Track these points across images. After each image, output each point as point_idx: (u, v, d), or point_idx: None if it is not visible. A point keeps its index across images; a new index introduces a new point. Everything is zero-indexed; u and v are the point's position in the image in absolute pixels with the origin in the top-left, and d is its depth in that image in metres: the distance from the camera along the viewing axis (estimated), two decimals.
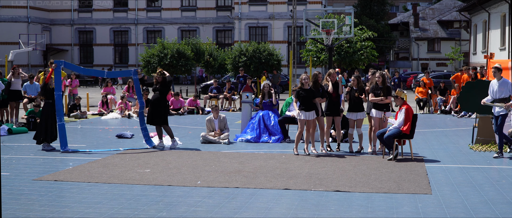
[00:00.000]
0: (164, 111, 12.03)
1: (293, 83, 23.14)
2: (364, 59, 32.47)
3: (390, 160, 10.17)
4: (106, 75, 14.02)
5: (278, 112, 13.89)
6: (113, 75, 12.50)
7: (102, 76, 12.75)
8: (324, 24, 25.10)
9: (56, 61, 11.67)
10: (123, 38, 51.40)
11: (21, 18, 47.57)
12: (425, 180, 8.37)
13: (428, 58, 54.57)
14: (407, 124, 10.31)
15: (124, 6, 50.98)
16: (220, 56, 35.10)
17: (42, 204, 6.98)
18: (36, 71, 43.06)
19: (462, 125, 16.80)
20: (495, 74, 10.63)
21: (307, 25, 28.92)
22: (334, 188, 7.83)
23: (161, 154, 11.01)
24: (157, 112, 11.95)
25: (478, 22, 39.52)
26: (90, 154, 11.14)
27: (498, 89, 10.55)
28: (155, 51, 30.94)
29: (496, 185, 8.09)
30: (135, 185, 8.10)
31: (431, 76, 33.95)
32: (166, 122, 11.99)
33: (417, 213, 6.56)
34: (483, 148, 11.55)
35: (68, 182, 8.32)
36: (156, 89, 12.27)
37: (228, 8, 49.89)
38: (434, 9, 59.05)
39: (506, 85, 10.47)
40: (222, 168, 9.39)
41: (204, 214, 6.51)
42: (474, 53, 40.75)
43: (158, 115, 11.92)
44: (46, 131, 11.57)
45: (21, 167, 9.58)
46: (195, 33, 49.19)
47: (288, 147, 12.07)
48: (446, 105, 21.30)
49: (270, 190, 7.77)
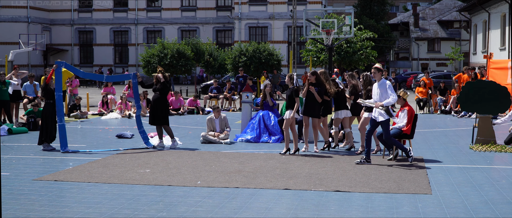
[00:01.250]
0: (164, 111, 12.04)
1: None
2: (364, 59, 32.47)
3: (390, 160, 10.17)
4: (105, 79, 14.02)
5: (278, 112, 13.88)
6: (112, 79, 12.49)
7: (101, 80, 12.76)
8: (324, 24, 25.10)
9: (57, 62, 11.67)
10: (123, 38, 51.39)
11: (21, 18, 47.56)
12: (425, 180, 8.37)
13: (428, 58, 54.56)
14: (408, 125, 10.32)
15: (124, 6, 50.98)
16: (220, 56, 35.10)
17: (42, 204, 6.98)
18: (36, 71, 43.14)
19: (462, 125, 16.80)
20: (375, 75, 10.01)
21: (307, 25, 28.92)
22: (334, 188, 7.83)
23: (161, 154, 11.01)
24: (157, 112, 11.95)
25: (478, 22, 39.52)
26: (90, 154, 11.15)
27: (378, 91, 9.92)
28: (155, 51, 30.93)
29: (496, 185, 8.09)
30: (135, 185, 8.10)
31: (431, 76, 33.98)
32: (167, 122, 12.00)
33: (417, 213, 6.56)
34: (483, 148, 11.55)
35: (68, 182, 8.32)
36: (156, 89, 12.28)
37: (228, 8, 49.88)
38: (434, 9, 59.05)
39: (383, 86, 9.90)
40: (222, 168, 9.39)
41: (204, 214, 6.51)
42: (474, 53, 40.75)
43: (158, 115, 11.92)
44: (46, 131, 11.57)
45: (21, 167, 9.58)
46: (195, 33, 49.18)
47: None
48: (446, 105, 21.31)
49: (270, 190, 7.77)
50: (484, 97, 12.13)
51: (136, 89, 12.71)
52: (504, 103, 12.15)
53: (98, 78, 12.94)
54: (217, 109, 13.21)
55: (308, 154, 11.02)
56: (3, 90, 15.85)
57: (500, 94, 12.07)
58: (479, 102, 12.17)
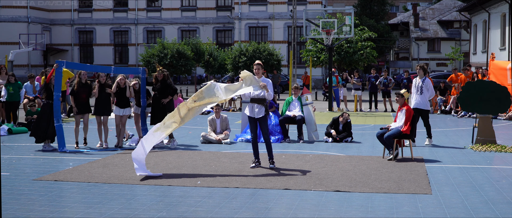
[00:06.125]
0: (164, 110, 12.03)
1: (293, 83, 23.15)
2: (364, 59, 32.47)
3: (390, 160, 10.17)
4: (113, 72, 13.77)
5: (278, 112, 13.88)
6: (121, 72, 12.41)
7: (109, 72, 12.73)
8: (324, 24, 25.09)
9: (58, 61, 11.66)
10: (123, 38, 51.41)
11: (21, 18, 47.57)
12: (425, 180, 8.37)
13: (428, 58, 54.55)
14: (407, 125, 10.33)
15: (124, 6, 50.99)
16: (220, 56, 35.11)
17: (42, 204, 6.97)
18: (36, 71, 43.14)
19: (462, 125, 16.80)
20: (258, 70, 9.46)
21: (307, 25, 28.91)
22: (334, 188, 7.82)
23: (161, 154, 11.01)
24: (158, 112, 11.96)
25: (478, 22, 39.51)
26: (90, 154, 11.14)
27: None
28: (155, 51, 30.95)
29: (496, 185, 8.08)
30: (135, 185, 8.10)
31: (431, 76, 33.96)
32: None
33: (417, 213, 6.56)
34: (483, 148, 11.55)
35: (68, 182, 8.32)
36: (155, 88, 12.28)
37: (228, 8, 49.89)
38: (434, 9, 59.05)
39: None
40: (222, 168, 9.39)
41: (204, 214, 6.51)
42: (474, 53, 40.74)
43: (158, 115, 11.92)
44: (43, 130, 11.52)
45: (21, 167, 9.58)
46: (195, 33, 49.19)
47: (288, 147, 12.08)
48: (446, 105, 21.31)
49: (270, 190, 7.76)
50: (484, 97, 12.12)
51: (144, 85, 12.70)
52: (504, 103, 12.15)
53: (106, 70, 12.92)
54: (217, 108, 13.20)
55: (308, 154, 11.00)
56: (12, 92, 15.85)
57: (500, 94, 12.07)
58: (479, 102, 12.17)
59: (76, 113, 11.97)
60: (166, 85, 12.38)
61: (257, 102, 9.32)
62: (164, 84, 12.38)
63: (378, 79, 22.61)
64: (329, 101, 23.09)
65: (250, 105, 9.39)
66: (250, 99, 9.37)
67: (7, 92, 15.83)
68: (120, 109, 12.09)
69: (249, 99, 9.42)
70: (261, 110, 9.31)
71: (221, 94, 9.33)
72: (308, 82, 33.01)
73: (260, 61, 9.54)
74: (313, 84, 40.54)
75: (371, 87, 22.74)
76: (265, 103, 9.39)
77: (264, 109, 9.33)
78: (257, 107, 9.32)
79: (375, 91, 22.81)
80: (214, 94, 9.31)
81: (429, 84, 12.47)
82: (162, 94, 12.33)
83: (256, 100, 9.32)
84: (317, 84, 44.09)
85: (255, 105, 9.34)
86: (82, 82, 11.89)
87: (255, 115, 9.35)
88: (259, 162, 9.51)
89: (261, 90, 9.25)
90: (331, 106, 22.88)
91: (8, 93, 15.82)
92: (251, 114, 9.38)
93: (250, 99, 9.37)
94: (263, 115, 9.33)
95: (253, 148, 9.50)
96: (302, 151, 11.58)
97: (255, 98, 9.32)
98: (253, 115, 9.37)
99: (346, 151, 11.52)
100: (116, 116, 12.11)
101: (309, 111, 13.43)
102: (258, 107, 9.32)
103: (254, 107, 9.34)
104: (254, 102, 9.34)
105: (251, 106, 9.37)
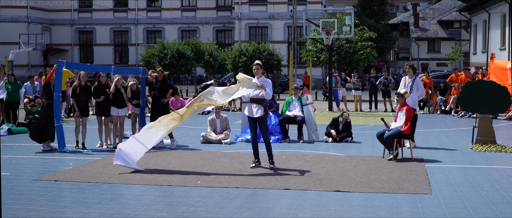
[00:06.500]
0: (164, 110, 12.03)
1: (293, 83, 23.16)
2: (364, 59, 32.47)
3: (390, 160, 10.17)
4: (114, 71, 13.78)
5: (278, 112, 13.89)
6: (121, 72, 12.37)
7: (109, 72, 12.73)
8: (324, 24, 25.09)
9: (58, 61, 11.66)
10: (123, 38, 51.41)
11: (21, 18, 47.57)
12: (425, 180, 8.37)
13: (428, 58, 54.58)
14: (407, 125, 10.33)
15: (124, 6, 50.99)
16: (220, 56, 35.11)
17: (42, 204, 6.97)
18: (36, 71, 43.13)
19: (462, 125, 16.80)
20: (257, 71, 9.33)
21: (307, 25, 28.91)
22: (334, 188, 7.82)
23: (161, 154, 11.00)
24: (157, 111, 11.96)
25: (478, 22, 39.51)
26: (90, 154, 11.15)
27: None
28: (155, 51, 30.95)
29: (496, 185, 8.08)
30: (135, 185, 8.10)
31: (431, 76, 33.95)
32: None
33: (417, 213, 6.56)
34: (483, 148, 11.55)
35: (68, 182, 8.32)
36: (155, 88, 12.28)
37: (228, 8, 49.89)
38: (434, 9, 59.06)
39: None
40: (222, 168, 9.39)
41: (204, 214, 6.51)
42: (474, 53, 40.74)
43: (158, 115, 11.91)
44: (45, 131, 11.54)
45: (21, 167, 9.58)
46: (195, 33, 49.20)
47: (288, 147, 12.08)
48: (446, 105, 21.31)
49: (270, 190, 7.76)
50: (484, 97, 12.13)
51: (144, 85, 12.70)
52: (504, 103, 12.15)
53: (106, 70, 12.92)
54: (217, 109, 13.20)
55: (309, 154, 11.00)
56: (11, 91, 15.85)
57: (500, 94, 12.07)
58: (479, 102, 12.17)
59: (78, 116, 11.96)
60: (166, 85, 12.39)
61: (256, 102, 9.35)
62: (164, 84, 12.39)
63: (378, 79, 22.63)
64: (329, 101, 23.10)
65: (250, 105, 9.41)
66: (250, 99, 9.40)
67: (6, 90, 15.81)
68: (117, 109, 12.09)
69: (248, 99, 9.44)
70: (260, 110, 9.33)
71: (220, 99, 9.42)
72: (308, 82, 33.00)
73: (259, 61, 9.55)
74: (313, 84, 40.55)
75: (371, 87, 22.76)
76: (264, 103, 9.41)
77: (263, 109, 9.35)
78: (256, 107, 9.34)
79: (375, 91, 22.84)
80: (213, 99, 9.43)
81: (420, 83, 12.14)
82: (162, 94, 12.33)
83: (255, 100, 9.35)
84: (317, 84, 44.10)
85: (254, 105, 9.36)
86: (82, 85, 11.88)
87: (254, 115, 9.37)
88: (259, 162, 9.52)
89: (259, 90, 9.28)
90: (331, 106, 22.89)
91: (8, 92, 15.81)
92: (251, 114, 9.40)
93: (250, 99, 9.40)
94: (262, 115, 9.35)
95: (253, 148, 9.51)
96: (302, 151, 11.59)
97: (255, 98, 9.35)
98: (252, 115, 9.39)
99: (346, 151, 11.52)
100: (114, 116, 12.11)
101: (309, 111, 13.43)
102: (257, 107, 9.34)
103: (253, 107, 9.36)
104: (253, 102, 9.37)
105: (250, 106, 9.40)
